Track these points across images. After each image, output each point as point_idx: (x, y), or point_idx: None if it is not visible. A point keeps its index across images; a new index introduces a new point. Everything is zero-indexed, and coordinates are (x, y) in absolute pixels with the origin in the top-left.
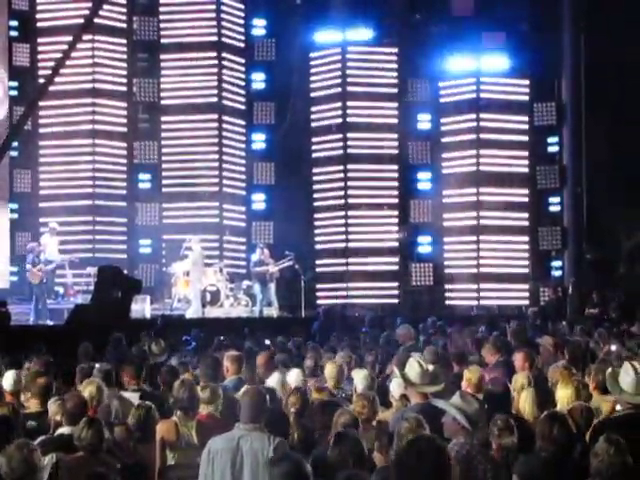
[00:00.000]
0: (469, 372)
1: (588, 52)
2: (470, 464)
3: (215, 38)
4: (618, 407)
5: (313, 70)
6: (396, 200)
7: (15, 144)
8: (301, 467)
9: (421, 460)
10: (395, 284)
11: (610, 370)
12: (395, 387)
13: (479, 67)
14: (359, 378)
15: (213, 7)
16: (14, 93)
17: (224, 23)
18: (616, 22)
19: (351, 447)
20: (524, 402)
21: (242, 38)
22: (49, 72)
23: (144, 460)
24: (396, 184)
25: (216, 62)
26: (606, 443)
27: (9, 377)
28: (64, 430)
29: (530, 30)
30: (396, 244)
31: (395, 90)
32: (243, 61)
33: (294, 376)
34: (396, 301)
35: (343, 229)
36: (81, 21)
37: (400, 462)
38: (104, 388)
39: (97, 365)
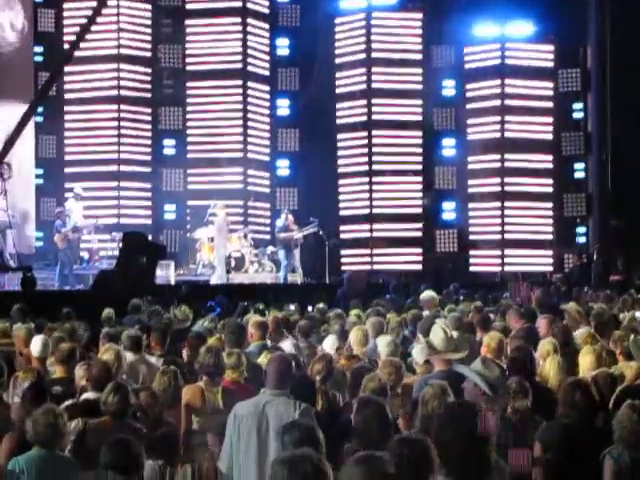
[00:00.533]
0: (488, 337)
1: (614, 18)
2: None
3: (240, 4)
4: None
5: (337, 36)
6: (420, 166)
7: (40, 109)
8: (313, 434)
9: (455, 427)
10: (419, 250)
11: (633, 337)
12: (418, 353)
13: (504, 33)
14: (383, 344)
15: None
16: (39, 59)
17: None
18: None
19: (375, 413)
20: (549, 369)
21: (266, 4)
22: (74, 37)
23: (169, 425)
24: (420, 150)
25: (240, 28)
26: (629, 410)
27: (37, 343)
28: (89, 395)
29: (553, 6)
30: (420, 210)
31: (419, 56)
32: (267, 27)
33: (330, 342)
34: (420, 267)
35: (367, 195)
36: None
37: (436, 427)
38: (123, 354)
39: (126, 331)
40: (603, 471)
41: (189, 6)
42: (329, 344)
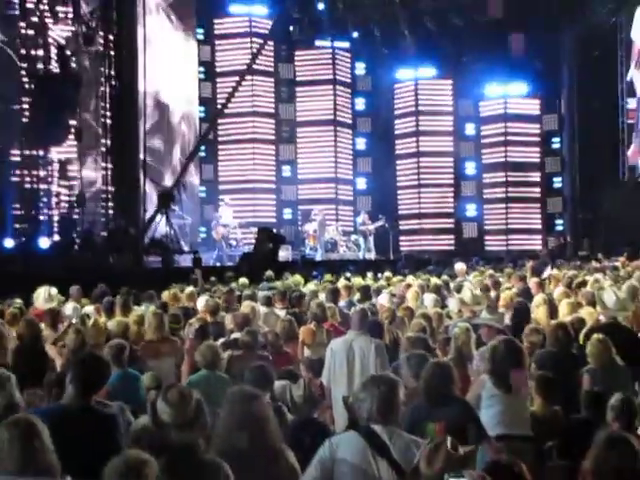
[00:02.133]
0: (504, 295)
1: (579, 81)
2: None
3: (331, 76)
4: (601, 317)
5: (396, 96)
6: (452, 181)
7: (202, 147)
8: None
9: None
10: (452, 236)
11: (596, 292)
12: (453, 305)
13: (506, 91)
14: (429, 299)
15: (329, 56)
16: (202, 115)
17: (337, 66)
18: (596, 66)
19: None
20: (540, 314)
21: (349, 75)
22: (224, 101)
23: (288, 355)
24: (452, 170)
25: (332, 92)
26: (596, 341)
27: (202, 300)
28: (235, 335)
29: (542, 68)
30: (452, 210)
31: (450, 108)
32: (349, 90)
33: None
34: (452, 248)
35: (417, 200)
36: (244, 67)
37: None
38: (258, 308)
39: (260, 292)
40: (583, 382)
41: (298, 79)
42: (385, 299)
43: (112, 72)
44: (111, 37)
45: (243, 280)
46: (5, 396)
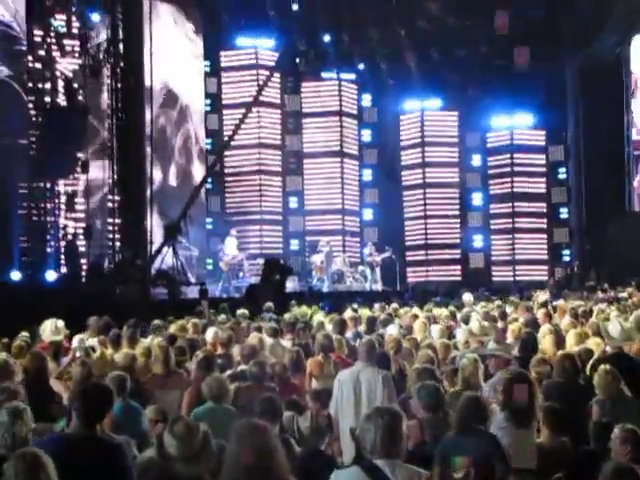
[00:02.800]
0: (512, 325)
1: (584, 112)
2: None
3: (337, 108)
4: (607, 348)
5: (401, 127)
6: (458, 212)
7: (209, 180)
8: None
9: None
10: (459, 267)
11: (601, 323)
12: (460, 335)
13: (512, 123)
14: (435, 330)
15: (336, 88)
16: (208, 147)
17: (343, 98)
18: (601, 97)
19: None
20: (547, 344)
21: (355, 107)
22: (230, 133)
23: (295, 386)
24: (458, 201)
25: (339, 123)
26: (604, 373)
27: (211, 332)
28: (242, 367)
29: (547, 101)
30: (459, 240)
31: (457, 140)
32: (356, 122)
33: (395, 329)
34: (459, 278)
35: (423, 231)
36: (250, 99)
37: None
38: (265, 339)
39: (265, 325)
40: (592, 413)
41: (304, 110)
42: (395, 330)
43: (119, 104)
44: (118, 70)
45: (242, 311)
46: (22, 428)
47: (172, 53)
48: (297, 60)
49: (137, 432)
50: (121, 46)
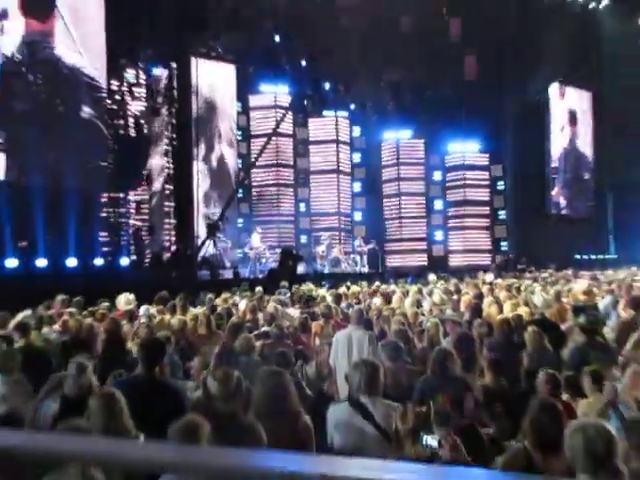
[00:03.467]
0: (464, 298)
1: (515, 140)
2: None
3: (334, 137)
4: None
5: (382, 152)
6: (424, 214)
7: (240, 190)
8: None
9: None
10: (425, 255)
11: (529, 296)
12: (426, 305)
13: (464, 149)
14: (408, 302)
15: (333, 123)
16: (240, 165)
17: (339, 130)
18: (528, 130)
19: (401, 335)
20: (491, 311)
21: (348, 136)
22: (255, 155)
23: (303, 343)
24: (424, 206)
25: (335, 149)
26: (532, 331)
27: (242, 303)
28: (265, 328)
29: (490, 132)
30: (425, 235)
31: (423, 160)
32: (348, 148)
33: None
34: (425, 263)
35: (399, 228)
36: (270, 131)
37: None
38: (280, 308)
39: (280, 298)
40: (523, 363)
41: (311, 139)
42: (377, 301)
43: (173, 135)
44: (172, 110)
45: (259, 288)
46: (85, 380)
47: (213, 97)
48: (305, 102)
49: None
50: (175, 92)
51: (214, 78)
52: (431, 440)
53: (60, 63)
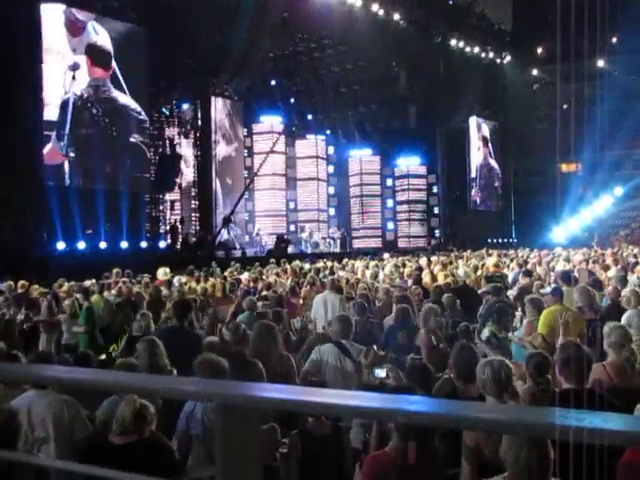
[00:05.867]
0: (407, 270)
1: (446, 158)
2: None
3: (315, 154)
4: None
5: (350, 165)
6: (380, 209)
7: (246, 193)
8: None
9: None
10: (380, 239)
11: (455, 269)
12: (381, 276)
13: (408, 163)
14: (368, 273)
15: (314, 144)
16: (245, 175)
17: (318, 149)
18: (454, 149)
19: (363, 298)
20: (427, 280)
21: (324, 154)
22: (257, 167)
23: (292, 304)
24: (380, 204)
25: (316, 163)
26: (447, 296)
27: (245, 274)
28: (264, 293)
29: (427, 151)
30: (380, 225)
31: (379, 171)
32: (325, 162)
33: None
34: (381, 245)
35: (362, 220)
36: (268, 149)
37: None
38: (275, 279)
39: (273, 270)
40: (445, 316)
41: (297, 155)
42: (344, 273)
43: (198, 152)
44: (198, 134)
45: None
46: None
47: (225, 126)
48: (293, 128)
49: None
50: (199, 122)
51: (227, 111)
52: (380, 372)
53: (115, 101)
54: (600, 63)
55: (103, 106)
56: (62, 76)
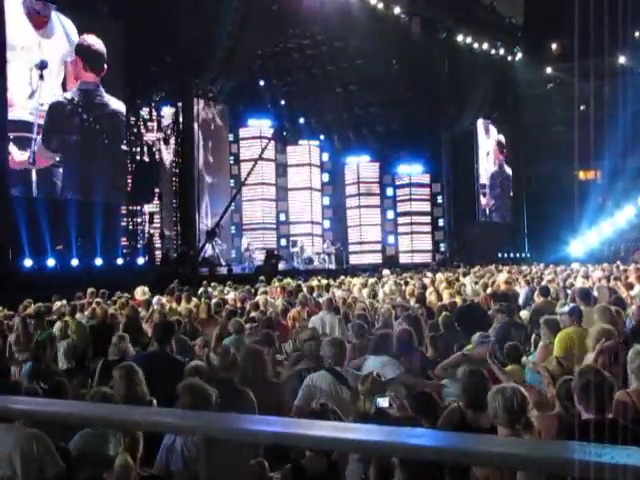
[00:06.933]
0: (409, 289)
1: (452, 164)
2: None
3: (308, 161)
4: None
5: (346, 173)
6: (380, 221)
7: (233, 204)
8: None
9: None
10: (380, 254)
11: (462, 287)
12: (380, 294)
13: (410, 170)
14: (365, 291)
15: (307, 149)
16: (232, 184)
17: (311, 155)
18: (461, 155)
19: (362, 318)
20: (432, 299)
21: (319, 161)
22: (244, 176)
23: (282, 325)
24: (379, 215)
25: (309, 170)
26: (444, 315)
27: (232, 294)
28: (252, 314)
29: (430, 157)
30: (380, 239)
31: (378, 180)
32: (319, 170)
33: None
34: (380, 261)
35: (359, 234)
36: (257, 156)
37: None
38: (267, 298)
39: (262, 289)
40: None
41: (289, 162)
42: (340, 292)
43: (180, 160)
44: (179, 140)
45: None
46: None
47: (209, 130)
48: (284, 133)
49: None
50: (180, 126)
51: (212, 114)
52: (382, 401)
53: (107, 107)
54: (622, 60)
55: (94, 112)
56: (28, 73)
